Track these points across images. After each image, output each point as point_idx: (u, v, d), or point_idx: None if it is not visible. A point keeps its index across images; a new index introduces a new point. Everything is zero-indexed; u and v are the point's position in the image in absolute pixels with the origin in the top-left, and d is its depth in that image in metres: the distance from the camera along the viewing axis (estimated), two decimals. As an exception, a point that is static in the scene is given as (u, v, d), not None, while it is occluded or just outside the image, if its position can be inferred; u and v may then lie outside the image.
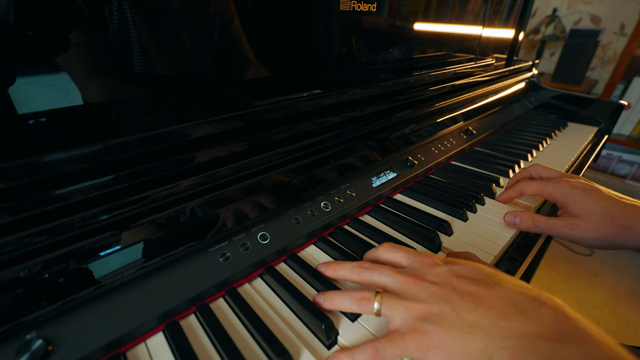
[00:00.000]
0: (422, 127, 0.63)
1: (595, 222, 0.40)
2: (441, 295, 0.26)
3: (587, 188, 0.42)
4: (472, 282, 0.27)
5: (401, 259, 0.32)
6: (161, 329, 0.30)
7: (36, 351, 0.24)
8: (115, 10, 0.28)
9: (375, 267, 0.31)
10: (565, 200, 0.43)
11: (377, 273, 0.31)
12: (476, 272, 0.28)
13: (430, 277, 0.28)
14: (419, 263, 0.30)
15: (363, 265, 0.32)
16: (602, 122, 0.93)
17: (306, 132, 0.45)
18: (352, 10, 0.47)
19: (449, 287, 0.27)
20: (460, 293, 0.26)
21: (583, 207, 0.41)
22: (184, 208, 0.33)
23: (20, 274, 0.25)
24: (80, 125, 0.29)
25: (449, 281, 0.27)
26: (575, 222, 0.41)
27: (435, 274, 0.28)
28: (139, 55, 0.30)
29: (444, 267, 0.29)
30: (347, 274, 0.33)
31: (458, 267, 0.28)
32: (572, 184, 0.43)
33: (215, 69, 0.37)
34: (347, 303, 0.30)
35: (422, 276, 0.28)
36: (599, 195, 0.41)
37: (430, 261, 0.30)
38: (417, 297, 0.27)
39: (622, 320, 1.28)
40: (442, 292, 0.26)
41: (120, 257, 0.29)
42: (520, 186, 0.50)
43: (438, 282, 0.27)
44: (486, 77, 0.87)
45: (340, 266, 0.34)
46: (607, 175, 2.02)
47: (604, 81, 1.93)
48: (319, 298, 0.32)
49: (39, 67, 0.26)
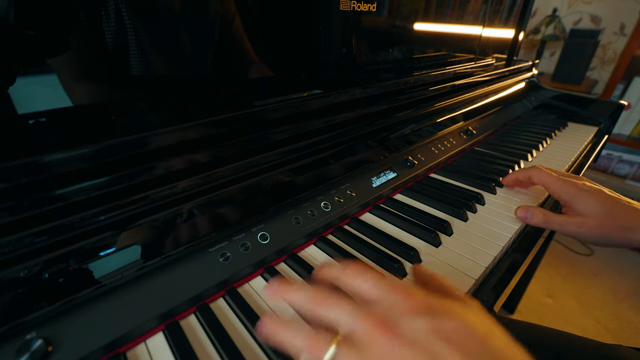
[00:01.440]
0: (422, 127, 0.63)
1: (600, 221, 0.42)
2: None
3: (592, 190, 0.44)
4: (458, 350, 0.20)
5: (370, 291, 0.24)
6: (161, 329, 0.30)
7: (36, 351, 0.24)
8: (115, 10, 0.28)
9: (335, 302, 0.24)
10: (569, 199, 0.45)
11: (336, 309, 0.23)
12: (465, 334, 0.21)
13: (404, 331, 0.21)
14: (391, 301, 0.23)
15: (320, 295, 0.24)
16: (602, 122, 0.93)
17: (306, 132, 0.45)
18: (352, 10, 0.47)
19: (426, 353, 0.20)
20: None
21: (588, 207, 0.43)
22: (184, 208, 0.33)
23: (20, 274, 0.25)
24: (80, 125, 0.29)
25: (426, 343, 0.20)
26: (583, 221, 0.43)
27: (411, 329, 0.21)
28: (139, 56, 0.30)
29: (424, 320, 0.22)
30: (300, 303, 0.25)
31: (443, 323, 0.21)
32: (578, 186, 0.45)
33: (215, 68, 0.37)
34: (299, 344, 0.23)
35: (394, 327, 0.22)
36: (603, 196, 0.43)
37: (408, 303, 0.23)
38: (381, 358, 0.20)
39: (622, 320, 1.28)
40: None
41: (120, 257, 0.29)
42: (531, 172, 0.50)
43: (414, 341, 0.21)
44: (486, 77, 0.87)
45: (293, 290, 0.26)
46: (607, 175, 2.02)
47: (604, 81, 1.93)
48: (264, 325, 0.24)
49: (39, 67, 0.26)
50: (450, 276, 0.37)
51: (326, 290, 0.25)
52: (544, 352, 0.43)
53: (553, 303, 1.35)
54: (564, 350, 0.44)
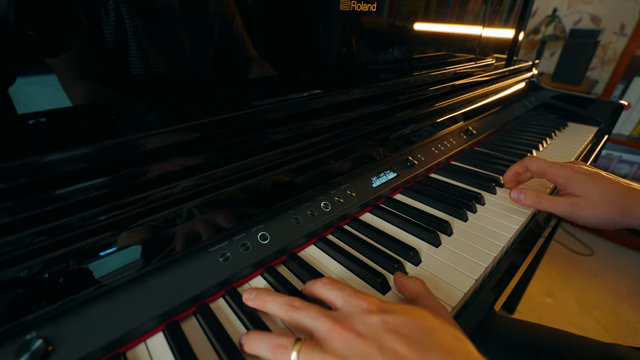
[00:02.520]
0: (422, 127, 0.63)
1: (594, 201, 0.42)
2: (365, 353, 0.23)
3: (588, 172, 0.45)
4: (402, 340, 0.23)
5: (335, 299, 0.29)
6: (161, 329, 0.30)
7: (36, 351, 0.24)
8: (115, 10, 0.28)
9: (305, 307, 0.28)
10: (565, 182, 0.45)
11: (304, 314, 0.27)
12: (410, 326, 0.24)
13: (358, 327, 0.25)
14: (351, 306, 0.27)
15: (294, 303, 0.28)
16: (602, 122, 0.93)
17: (306, 132, 0.45)
18: (352, 10, 0.47)
19: (374, 343, 0.23)
20: (386, 353, 0.23)
21: (583, 188, 0.43)
22: (184, 208, 0.33)
23: (20, 274, 0.25)
24: (79, 125, 0.29)
25: (377, 335, 0.24)
26: (576, 201, 0.43)
27: (364, 323, 0.25)
28: (139, 55, 0.30)
29: (376, 317, 0.25)
30: (276, 310, 0.29)
31: (392, 318, 0.25)
32: (574, 169, 0.45)
33: (215, 68, 0.37)
34: (263, 349, 0.26)
35: (350, 324, 0.25)
36: (600, 178, 0.44)
37: (364, 305, 0.27)
38: (338, 351, 0.24)
39: (622, 320, 1.28)
40: (367, 349, 0.23)
41: (120, 257, 0.29)
42: (526, 161, 0.51)
43: (365, 334, 0.24)
44: (486, 77, 0.87)
45: (271, 298, 0.30)
46: (607, 175, 2.02)
47: (604, 81, 1.93)
48: (242, 338, 0.28)
49: (39, 67, 0.26)
50: (450, 276, 0.37)
51: (297, 300, 0.29)
52: (543, 351, 0.43)
53: (553, 303, 1.35)
54: (564, 350, 0.44)
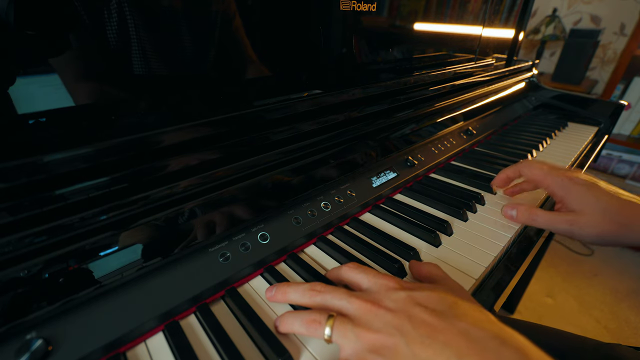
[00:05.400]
0: (422, 127, 0.63)
1: (594, 218, 0.39)
2: (396, 325, 0.24)
3: (587, 184, 0.41)
4: (430, 312, 0.25)
5: (361, 281, 0.30)
6: (161, 329, 0.30)
7: (36, 351, 0.24)
8: (115, 10, 0.28)
9: (328, 290, 0.29)
10: (564, 194, 0.42)
11: (329, 296, 0.28)
12: (436, 300, 0.26)
13: (386, 303, 0.26)
14: (378, 286, 0.29)
15: (315, 287, 0.29)
16: (602, 122, 0.93)
17: (306, 132, 0.45)
18: (352, 10, 0.47)
19: (404, 316, 0.25)
20: (416, 324, 0.24)
21: (583, 202, 0.40)
22: (184, 208, 0.33)
23: (21, 274, 0.25)
24: (79, 125, 0.29)
25: (405, 309, 0.25)
26: (574, 218, 0.40)
27: (392, 300, 0.26)
28: (139, 55, 0.30)
29: (402, 293, 0.27)
30: (298, 298, 0.30)
31: (418, 294, 0.27)
32: (572, 179, 0.42)
33: (216, 68, 0.37)
34: (297, 326, 0.28)
35: (378, 301, 0.27)
36: (599, 191, 0.40)
37: (390, 284, 0.28)
38: (370, 325, 0.25)
39: (622, 320, 1.28)
40: (397, 322, 0.24)
41: (120, 257, 0.29)
42: (520, 166, 0.47)
43: (394, 309, 0.26)
44: (486, 77, 0.87)
45: (292, 289, 0.31)
46: (607, 175, 2.02)
47: (604, 81, 1.93)
48: (276, 320, 0.30)
49: (39, 67, 0.26)
50: (450, 276, 0.37)
51: (319, 284, 0.30)
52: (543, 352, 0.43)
53: (553, 303, 1.35)
54: (564, 350, 0.44)
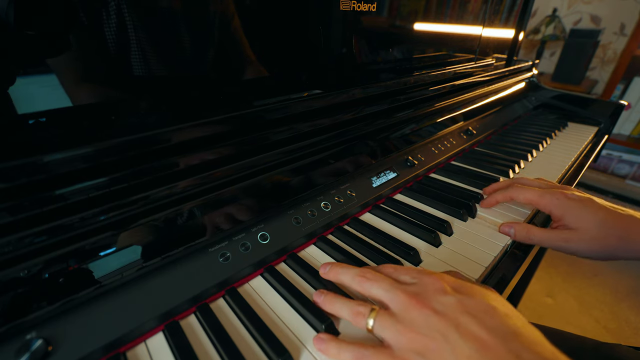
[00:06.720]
0: (422, 127, 0.63)
1: (590, 234, 0.39)
2: (442, 330, 0.23)
3: (582, 200, 0.42)
4: (480, 324, 0.23)
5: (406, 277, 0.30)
6: (161, 329, 0.30)
7: (36, 351, 0.24)
8: (115, 10, 0.28)
9: (377, 279, 0.29)
10: (562, 213, 0.42)
11: (377, 285, 0.29)
12: (487, 311, 0.24)
13: (434, 304, 0.25)
14: (425, 283, 0.28)
15: (365, 274, 0.30)
16: (602, 122, 0.93)
17: (306, 132, 0.45)
18: (352, 10, 0.47)
19: (452, 323, 0.24)
20: (464, 334, 0.23)
21: (580, 219, 0.40)
22: (184, 208, 0.33)
23: (21, 274, 0.25)
24: (79, 125, 0.29)
25: (454, 316, 0.24)
26: (570, 236, 0.40)
27: (440, 302, 0.25)
28: (139, 55, 0.30)
29: (452, 297, 0.26)
30: (348, 281, 0.31)
31: (469, 301, 0.25)
32: (567, 196, 0.42)
33: (215, 68, 0.37)
34: (346, 313, 0.29)
35: (425, 300, 0.26)
36: (595, 206, 0.41)
37: (438, 285, 0.27)
38: (414, 325, 0.25)
39: (622, 320, 1.28)
40: (443, 327, 0.24)
41: (120, 257, 0.29)
42: (511, 192, 0.47)
43: (442, 312, 0.25)
44: (486, 77, 0.87)
45: (344, 271, 0.32)
46: (607, 175, 2.02)
47: (604, 81, 1.93)
48: (319, 297, 0.31)
49: (39, 67, 0.26)
50: (450, 276, 0.37)
51: (369, 271, 0.30)
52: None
53: (553, 303, 1.35)
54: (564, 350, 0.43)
